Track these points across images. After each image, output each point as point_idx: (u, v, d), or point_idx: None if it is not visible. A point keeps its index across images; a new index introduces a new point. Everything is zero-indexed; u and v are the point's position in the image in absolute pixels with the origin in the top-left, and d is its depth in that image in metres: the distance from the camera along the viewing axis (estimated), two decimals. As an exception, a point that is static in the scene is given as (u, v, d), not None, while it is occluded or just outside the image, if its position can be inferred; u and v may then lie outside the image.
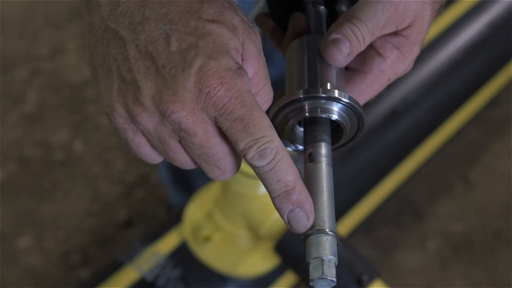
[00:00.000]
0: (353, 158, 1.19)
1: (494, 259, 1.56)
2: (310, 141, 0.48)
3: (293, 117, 0.48)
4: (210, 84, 0.42)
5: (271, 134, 0.43)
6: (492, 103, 1.65)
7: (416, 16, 0.49)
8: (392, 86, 0.54)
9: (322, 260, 0.43)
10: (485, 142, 1.78)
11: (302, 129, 0.50)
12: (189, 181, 1.33)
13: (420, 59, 0.53)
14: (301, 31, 0.53)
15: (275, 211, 0.98)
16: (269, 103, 0.47)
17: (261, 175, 0.44)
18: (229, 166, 0.46)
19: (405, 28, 0.50)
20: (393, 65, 0.51)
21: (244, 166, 0.84)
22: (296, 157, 0.50)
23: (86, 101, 1.80)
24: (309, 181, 0.46)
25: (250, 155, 0.43)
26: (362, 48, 0.49)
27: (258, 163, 0.43)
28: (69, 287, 1.45)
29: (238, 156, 0.46)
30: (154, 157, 0.47)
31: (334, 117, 0.47)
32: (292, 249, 0.91)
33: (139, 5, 0.43)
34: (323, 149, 0.47)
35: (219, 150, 0.44)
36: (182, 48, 0.42)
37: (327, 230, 0.43)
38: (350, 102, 0.47)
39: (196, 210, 1.02)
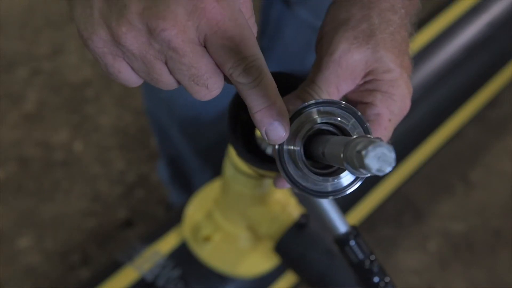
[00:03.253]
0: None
1: (494, 259, 1.56)
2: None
3: None
4: (207, 1, 0.41)
5: (258, 53, 0.43)
6: (492, 103, 1.65)
7: (368, 62, 0.51)
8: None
9: (367, 138, 0.35)
10: (485, 142, 1.78)
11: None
12: (188, 180, 1.33)
13: (420, 59, 0.54)
14: None
15: (275, 211, 0.98)
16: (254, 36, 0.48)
17: (245, 91, 0.44)
18: (216, 84, 0.45)
19: (368, 74, 0.51)
20: (383, 105, 0.52)
21: (244, 166, 0.84)
22: None
23: (86, 101, 1.80)
24: None
25: (237, 72, 0.43)
26: None
27: (245, 80, 0.43)
28: (69, 287, 1.45)
29: (223, 74, 0.46)
30: (134, 81, 0.46)
31: None
32: (292, 249, 0.91)
33: None
34: None
35: (209, 70, 0.44)
36: None
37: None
38: None
39: (196, 210, 1.02)
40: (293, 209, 0.92)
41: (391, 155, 0.33)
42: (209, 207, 0.99)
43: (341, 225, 0.64)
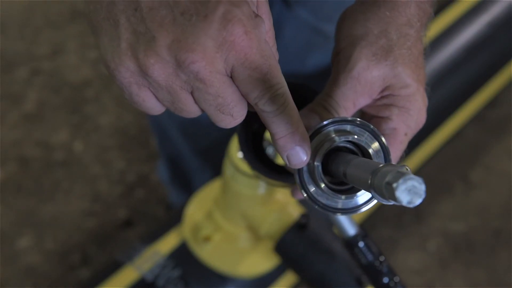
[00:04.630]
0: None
1: (494, 259, 1.56)
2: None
3: None
4: (235, 33, 0.42)
5: (282, 80, 0.44)
6: (492, 103, 1.65)
7: (386, 78, 0.51)
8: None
9: (396, 167, 0.35)
10: (485, 142, 1.78)
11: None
12: (187, 180, 1.33)
13: (420, 59, 0.54)
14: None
15: (275, 211, 0.98)
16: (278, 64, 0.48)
17: (269, 119, 0.45)
18: (240, 112, 0.46)
19: (385, 90, 0.51)
20: (400, 120, 0.52)
21: (244, 166, 0.84)
22: None
23: (86, 101, 1.80)
24: None
25: (263, 101, 0.44)
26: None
27: (270, 108, 0.44)
28: (69, 287, 1.45)
29: (247, 101, 0.46)
30: (157, 109, 0.47)
31: None
32: (292, 249, 0.91)
33: None
34: None
35: (235, 99, 0.45)
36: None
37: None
38: None
39: (196, 210, 1.02)
40: (293, 209, 0.92)
41: (421, 187, 0.34)
42: (209, 207, 0.99)
43: (350, 228, 0.65)
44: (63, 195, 1.61)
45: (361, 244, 0.64)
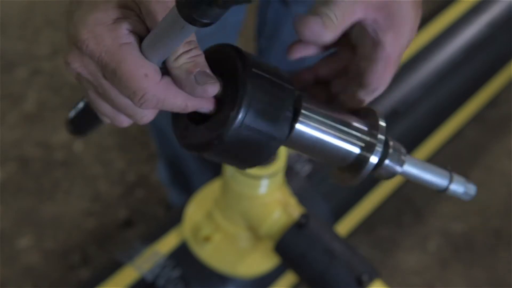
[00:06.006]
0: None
1: (494, 259, 1.56)
2: None
3: None
4: (80, 39, 0.45)
5: (144, 86, 0.45)
6: (492, 103, 1.65)
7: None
8: (392, 86, 0.54)
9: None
10: (485, 142, 1.78)
11: None
12: (187, 180, 1.33)
13: (420, 59, 0.54)
14: None
15: (275, 211, 0.98)
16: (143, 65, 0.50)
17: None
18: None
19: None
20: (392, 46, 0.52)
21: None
22: (295, 158, 0.51)
23: (86, 101, 1.80)
24: None
25: (137, 105, 0.46)
26: (338, 28, 0.50)
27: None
28: (69, 287, 1.45)
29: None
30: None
31: None
32: (292, 249, 0.91)
33: None
34: None
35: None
36: (72, 6, 0.48)
37: None
38: None
39: (196, 210, 1.02)
40: (293, 209, 0.92)
41: None
42: (209, 207, 0.99)
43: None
44: (63, 195, 1.61)
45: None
